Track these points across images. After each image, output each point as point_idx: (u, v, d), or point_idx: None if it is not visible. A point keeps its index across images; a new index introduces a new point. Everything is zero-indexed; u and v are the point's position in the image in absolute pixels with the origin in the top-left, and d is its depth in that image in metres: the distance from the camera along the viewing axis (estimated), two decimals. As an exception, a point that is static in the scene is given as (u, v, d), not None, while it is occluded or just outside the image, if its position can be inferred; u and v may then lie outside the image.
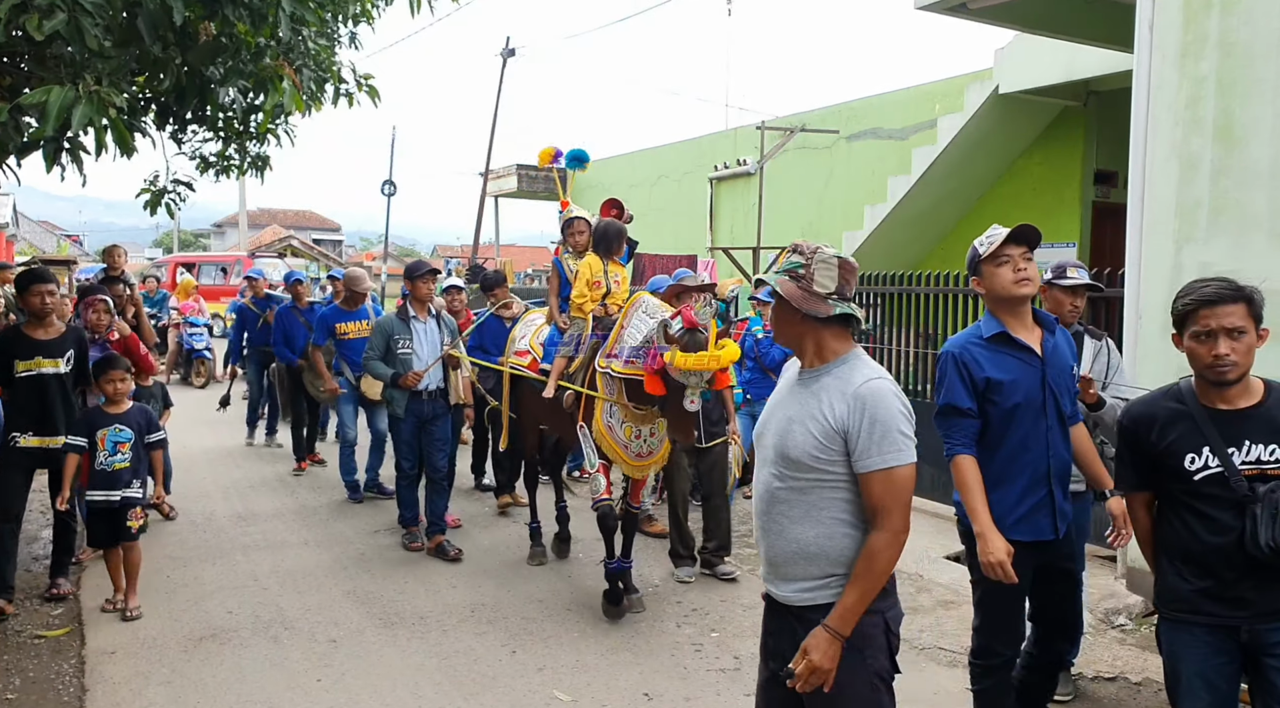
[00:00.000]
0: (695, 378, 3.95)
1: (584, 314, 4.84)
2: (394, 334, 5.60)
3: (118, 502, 4.52)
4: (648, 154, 16.86)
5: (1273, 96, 4.23)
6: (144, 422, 4.68)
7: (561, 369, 4.84)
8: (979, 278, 2.97)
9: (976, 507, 2.85)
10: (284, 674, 3.91)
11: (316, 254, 27.89)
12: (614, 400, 4.48)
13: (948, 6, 5.96)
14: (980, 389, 2.89)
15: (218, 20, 4.12)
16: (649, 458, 4.62)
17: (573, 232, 5.15)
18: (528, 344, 5.34)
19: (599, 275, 4.85)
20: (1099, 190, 9.55)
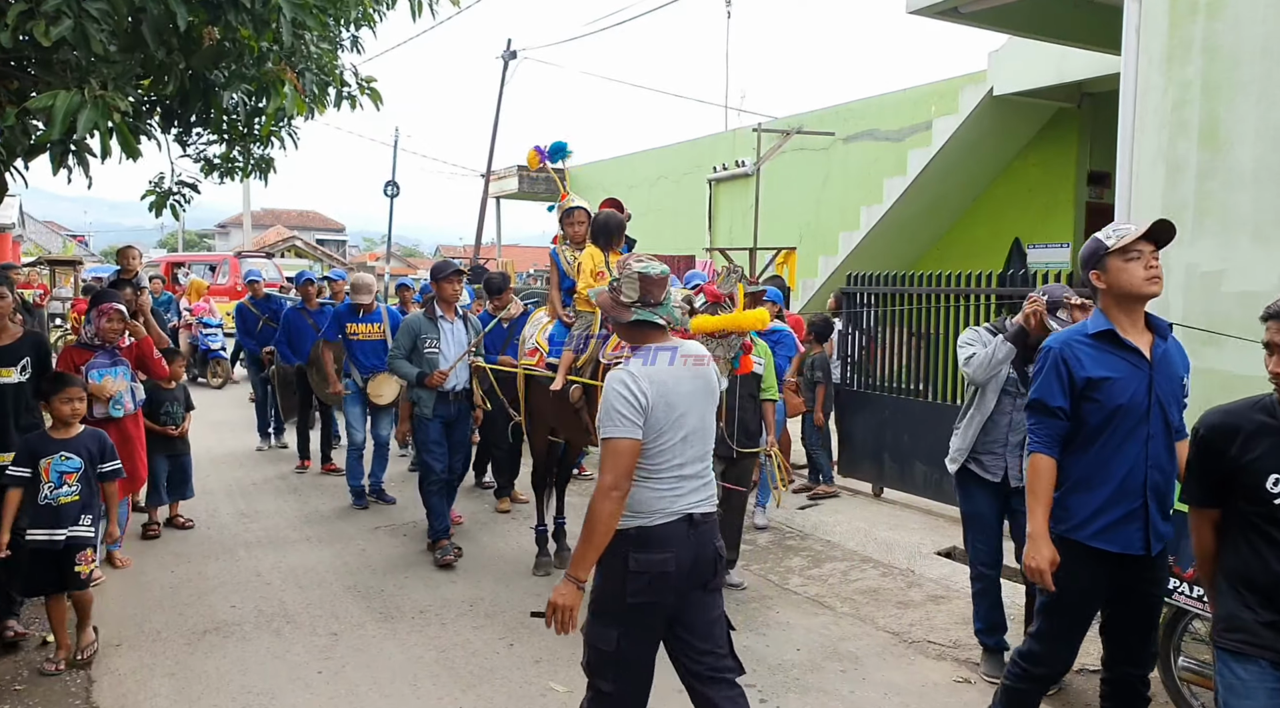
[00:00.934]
0: (720, 346, 3.74)
1: (590, 307, 4.71)
2: (421, 334, 5.51)
3: (62, 542, 3.88)
4: (647, 155, 16.95)
5: (1256, 100, 4.31)
6: (96, 449, 4.07)
7: (569, 363, 4.72)
8: (1100, 272, 2.78)
9: (1036, 509, 2.78)
10: (286, 667, 3.99)
11: (320, 254, 27.99)
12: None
13: (939, 10, 6.04)
14: (1079, 388, 2.76)
15: (221, 25, 4.21)
16: None
17: (572, 221, 5.02)
18: (535, 342, 5.23)
19: (601, 266, 4.72)
20: (1093, 191, 9.62)
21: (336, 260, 28.83)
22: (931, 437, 6.49)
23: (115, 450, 4.19)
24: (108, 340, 5.04)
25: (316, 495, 7.13)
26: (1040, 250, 9.68)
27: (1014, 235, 10.01)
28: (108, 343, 5.05)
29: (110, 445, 4.16)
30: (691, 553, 2.67)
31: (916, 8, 6.05)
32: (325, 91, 5.64)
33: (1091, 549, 2.76)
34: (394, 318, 6.94)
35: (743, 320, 3.83)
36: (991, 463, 3.90)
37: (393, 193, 28.08)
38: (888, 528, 6.03)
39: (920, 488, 6.52)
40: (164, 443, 5.90)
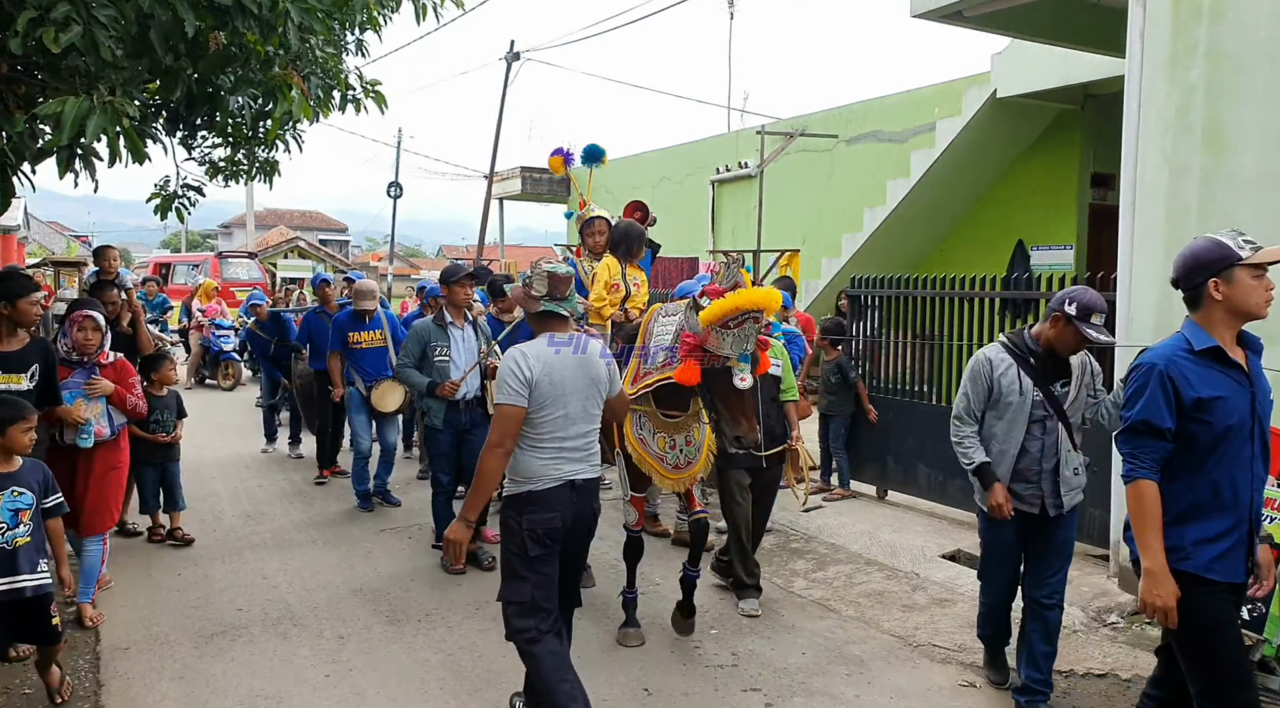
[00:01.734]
0: (736, 341, 3.57)
1: (603, 319, 4.55)
2: (430, 341, 5.35)
3: (28, 591, 3.38)
4: (650, 156, 16.96)
5: (1260, 105, 4.31)
6: (41, 481, 3.56)
7: None
8: (1223, 282, 2.58)
9: (1151, 541, 2.55)
10: (292, 670, 4.01)
11: (323, 255, 28.02)
12: (643, 409, 4.12)
13: (944, 14, 6.04)
14: (1186, 409, 2.57)
15: (228, 31, 4.23)
16: (687, 470, 4.19)
17: (592, 231, 4.86)
18: None
19: (617, 278, 4.57)
20: (1096, 193, 9.62)
21: (339, 261, 28.86)
22: (935, 439, 6.49)
23: (56, 483, 3.66)
24: (85, 354, 4.56)
25: (322, 498, 7.14)
26: (1043, 252, 9.68)
27: (1017, 237, 10.01)
28: (86, 358, 4.57)
29: (51, 477, 3.64)
30: (573, 512, 3.23)
31: (921, 11, 6.06)
32: (330, 95, 5.66)
33: (1206, 581, 2.57)
34: (394, 324, 6.90)
35: (744, 297, 3.54)
36: (1028, 493, 3.52)
37: (396, 194, 28.13)
38: (892, 531, 6.04)
39: (924, 491, 6.53)
40: (149, 451, 5.69)
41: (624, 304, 4.58)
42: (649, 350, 4.07)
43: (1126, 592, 4.78)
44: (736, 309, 3.52)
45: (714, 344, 3.59)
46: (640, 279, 4.74)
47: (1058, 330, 3.41)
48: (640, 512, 4.32)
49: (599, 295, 4.56)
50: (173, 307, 13.62)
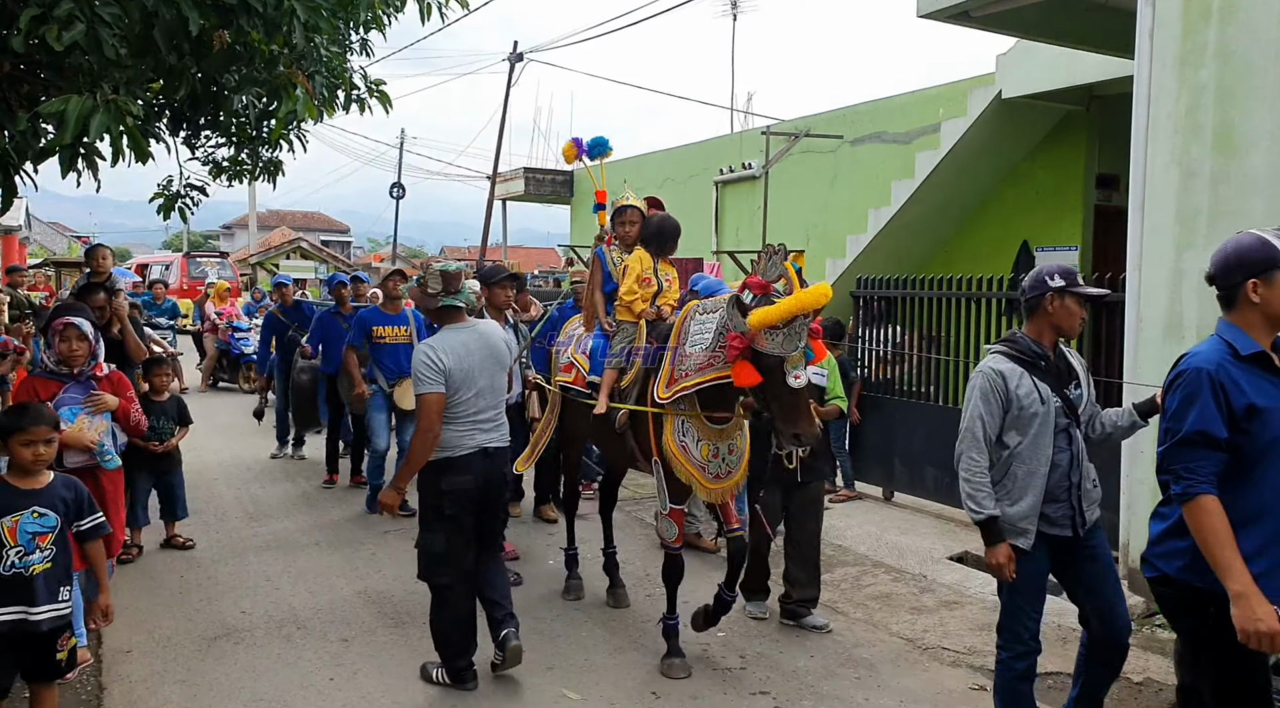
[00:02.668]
0: (787, 339, 3.38)
1: (633, 315, 4.29)
2: None
3: (44, 624, 2.98)
4: (654, 157, 16.93)
5: (1270, 105, 4.28)
6: (73, 500, 3.13)
7: (612, 383, 4.24)
8: (1262, 283, 2.39)
9: (1232, 562, 2.30)
10: (297, 673, 3.98)
11: (325, 256, 28.03)
12: (687, 414, 3.87)
13: (950, 14, 6.02)
14: (1237, 418, 2.37)
15: (232, 30, 4.20)
16: (728, 479, 3.97)
17: (623, 221, 4.53)
18: (570, 357, 4.70)
19: (649, 271, 4.31)
20: (1101, 194, 9.57)
21: (341, 262, 28.85)
22: (941, 441, 6.46)
23: (94, 501, 3.26)
24: (74, 366, 4.09)
25: (326, 499, 7.12)
26: (1049, 253, 9.63)
27: (1022, 238, 9.96)
28: (76, 370, 4.10)
29: (88, 496, 3.24)
30: (484, 476, 3.77)
31: (928, 11, 6.03)
32: (335, 94, 5.65)
33: None
34: (420, 321, 6.65)
35: (805, 300, 3.37)
36: (1058, 514, 3.09)
37: (398, 194, 28.14)
38: (899, 532, 6.01)
39: (931, 492, 6.51)
40: (147, 460, 5.45)
41: (655, 300, 4.33)
42: (683, 351, 3.83)
43: (1136, 594, 4.75)
44: (790, 314, 3.35)
45: (763, 344, 3.42)
46: (672, 275, 4.48)
47: (1057, 311, 3.06)
48: (680, 526, 4.08)
49: (630, 289, 4.26)
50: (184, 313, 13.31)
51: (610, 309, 4.45)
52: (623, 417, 4.15)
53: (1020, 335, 3.16)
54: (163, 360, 5.92)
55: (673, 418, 3.90)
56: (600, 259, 4.59)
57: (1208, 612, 2.39)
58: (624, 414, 4.14)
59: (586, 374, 4.47)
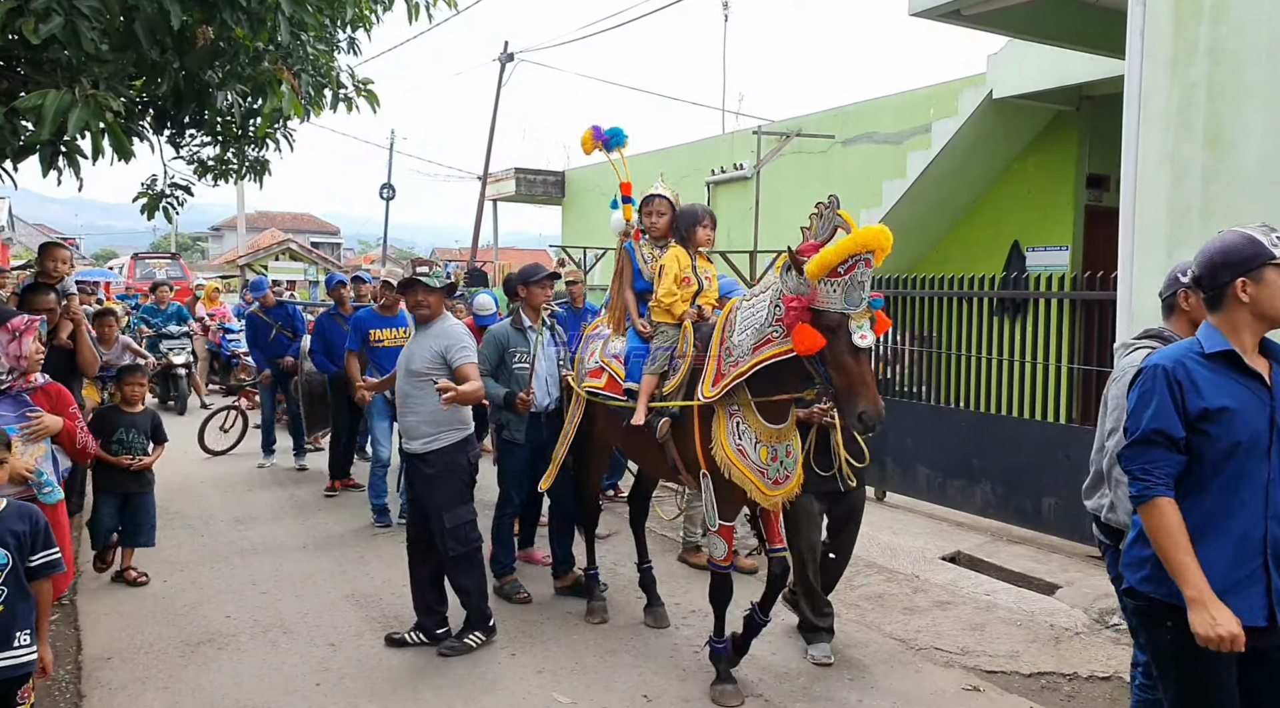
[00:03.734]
0: (849, 291, 3.11)
1: (673, 317, 3.97)
2: (509, 347, 4.86)
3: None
4: (646, 158, 16.88)
5: (1261, 103, 4.27)
6: (28, 533, 2.76)
7: (652, 390, 3.93)
8: (1251, 282, 2.29)
9: (1187, 564, 2.21)
10: (282, 679, 3.92)
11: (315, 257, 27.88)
12: (744, 416, 3.60)
13: (942, 12, 5.99)
14: (1191, 419, 2.28)
15: (216, 25, 4.15)
16: (786, 484, 3.67)
17: (650, 210, 4.18)
18: (599, 360, 4.36)
19: (688, 270, 3.98)
20: (1092, 194, 9.58)
21: (331, 263, 28.72)
22: (934, 440, 6.45)
23: (51, 533, 2.86)
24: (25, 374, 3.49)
25: (314, 503, 7.04)
26: (1039, 253, 9.64)
27: (1013, 238, 9.96)
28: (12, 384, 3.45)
29: (45, 526, 2.84)
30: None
31: (919, 10, 6.00)
32: (322, 93, 5.60)
33: None
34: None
35: (863, 237, 3.07)
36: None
37: (388, 196, 28.02)
38: (891, 533, 5.98)
39: (923, 492, 6.48)
40: (115, 478, 4.91)
41: (695, 300, 3.99)
42: (730, 344, 3.56)
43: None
44: (849, 253, 3.05)
45: (823, 301, 3.14)
46: (711, 272, 4.15)
47: (1194, 309, 2.81)
48: (730, 543, 3.80)
49: (669, 291, 3.93)
50: (190, 317, 12.26)
51: (643, 309, 4.15)
52: (664, 426, 3.86)
53: (1170, 333, 2.88)
54: (137, 368, 5.33)
55: (724, 418, 3.61)
56: (630, 255, 4.27)
57: (1165, 625, 2.31)
58: (666, 423, 3.85)
59: (623, 380, 4.12)
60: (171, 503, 6.86)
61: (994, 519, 6.07)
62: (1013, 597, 4.90)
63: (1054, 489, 5.71)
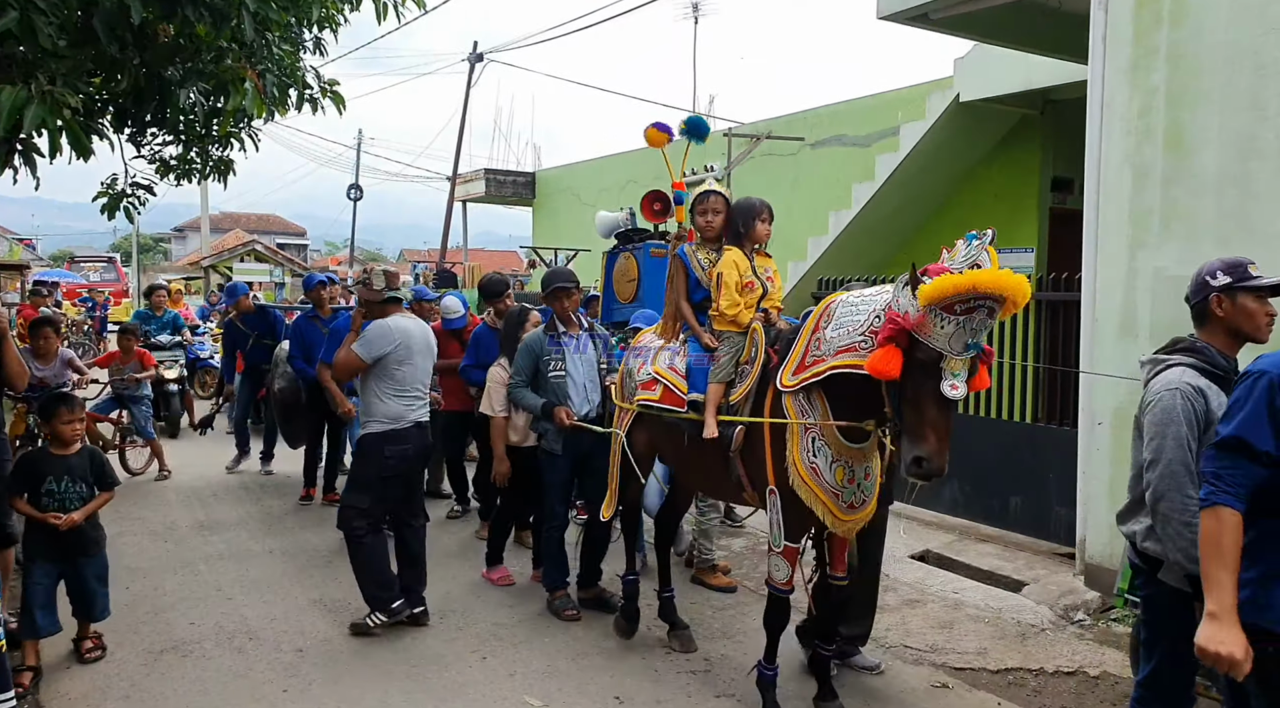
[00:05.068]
0: (959, 332, 2.74)
1: (739, 327, 3.69)
2: (543, 355, 4.66)
3: None
4: (616, 159, 16.91)
5: (1219, 108, 4.36)
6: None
7: (719, 400, 3.67)
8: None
9: (1223, 579, 2.11)
10: (248, 685, 3.85)
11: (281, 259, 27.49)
12: (821, 433, 3.27)
13: (909, 16, 6.06)
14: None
15: (177, 21, 4.07)
16: (862, 509, 3.38)
17: (704, 209, 3.85)
18: (651, 372, 4.06)
19: (749, 274, 3.69)
20: (1056, 197, 9.75)
21: (298, 265, 28.33)
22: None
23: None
24: None
25: (282, 508, 6.94)
26: (1005, 255, 9.78)
27: (979, 240, 10.12)
28: None
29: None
30: (419, 445, 4.49)
31: (887, 13, 6.07)
32: (286, 93, 5.50)
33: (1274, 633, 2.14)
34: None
35: (996, 277, 2.66)
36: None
37: (356, 196, 27.76)
38: (860, 532, 6.02)
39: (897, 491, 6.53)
40: (50, 539, 3.86)
41: (760, 304, 3.74)
42: (823, 335, 3.25)
43: (1092, 589, 4.81)
44: (973, 289, 2.67)
45: (927, 332, 2.78)
46: (773, 270, 3.85)
47: (1230, 314, 2.59)
48: (794, 566, 3.50)
49: (732, 302, 3.64)
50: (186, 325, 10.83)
51: (703, 319, 3.87)
52: (740, 435, 3.55)
53: (1203, 345, 2.64)
54: (66, 399, 4.15)
55: (797, 435, 3.32)
56: (683, 261, 3.93)
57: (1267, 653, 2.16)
58: (741, 432, 3.55)
59: (685, 394, 3.81)
60: (134, 509, 6.74)
61: (962, 518, 6.15)
62: (980, 595, 4.96)
63: (1020, 488, 5.80)
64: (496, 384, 5.08)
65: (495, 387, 5.09)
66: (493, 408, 5.10)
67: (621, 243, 7.04)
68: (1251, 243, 4.24)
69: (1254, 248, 4.22)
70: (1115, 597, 3.55)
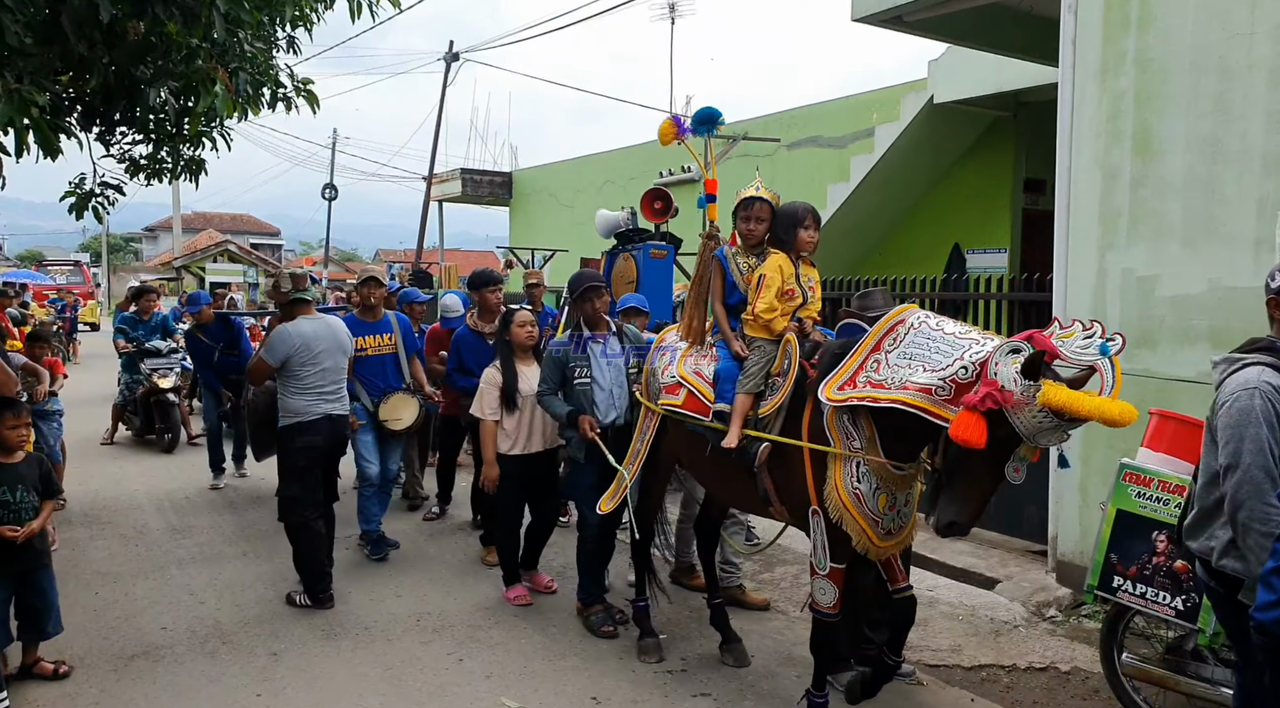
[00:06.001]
0: (1054, 431, 2.68)
1: (772, 334, 3.59)
2: (569, 363, 4.49)
3: None
4: (594, 159, 16.90)
5: (1185, 111, 4.44)
6: None
7: (746, 411, 3.55)
8: None
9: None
10: (222, 691, 3.81)
11: (255, 259, 27.22)
12: (864, 456, 3.16)
13: (883, 18, 6.12)
14: None
15: (147, 19, 4.02)
16: (899, 534, 3.31)
17: (749, 216, 3.71)
18: (676, 375, 3.94)
19: (792, 280, 3.59)
20: (1028, 198, 9.88)
21: (271, 265, 28.07)
22: (878, 440, 6.54)
23: None
24: None
25: (253, 508, 6.87)
26: (979, 255, 9.90)
27: (954, 241, 10.22)
28: None
29: None
30: (330, 436, 4.87)
31: (862, 15, 6.12)
32: (259, 92, 5.46)
33: None
34: (405, 326, 5.88)
35: (1120, 417, 2.58)
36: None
37: (330, 196, 27.53)
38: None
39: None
40: (3, 556, 3.74)
41: (796, 314, 3.64)
42: (885, 358, 3.08)
43: (1064, 586, 4.88)
44: (1093, 419, 2.60)
45: (1018, 414, 2.65)
46: (815, 279, 3.75)
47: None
48: (842, 588, 3.37)
49: (770, 306, 3.54)
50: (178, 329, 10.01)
51: (735, 324, 3.75)
52: (764, 453, 3.47)
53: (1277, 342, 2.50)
54: (13, 404, 3.97)
55: (841, 458, 3.20)
56: (723, 264, 3.79)
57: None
58: (766, 450, 3.46)
59: (711, 403, 3.70)
60: (103, 512, 6.65)
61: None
62: (954, 592, 5.02)
63: (993, 486, 5.85)
64: (489, 387, 4.84)
65: (488, 388, 4.84)
66: (483, 411, 4.84)
67: (621, 243, 6.85)
68: (1216, 244, 4.33)
69: (1218, 249, 4.32)
70: (1086, 593, 3.60)
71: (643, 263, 6.51)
